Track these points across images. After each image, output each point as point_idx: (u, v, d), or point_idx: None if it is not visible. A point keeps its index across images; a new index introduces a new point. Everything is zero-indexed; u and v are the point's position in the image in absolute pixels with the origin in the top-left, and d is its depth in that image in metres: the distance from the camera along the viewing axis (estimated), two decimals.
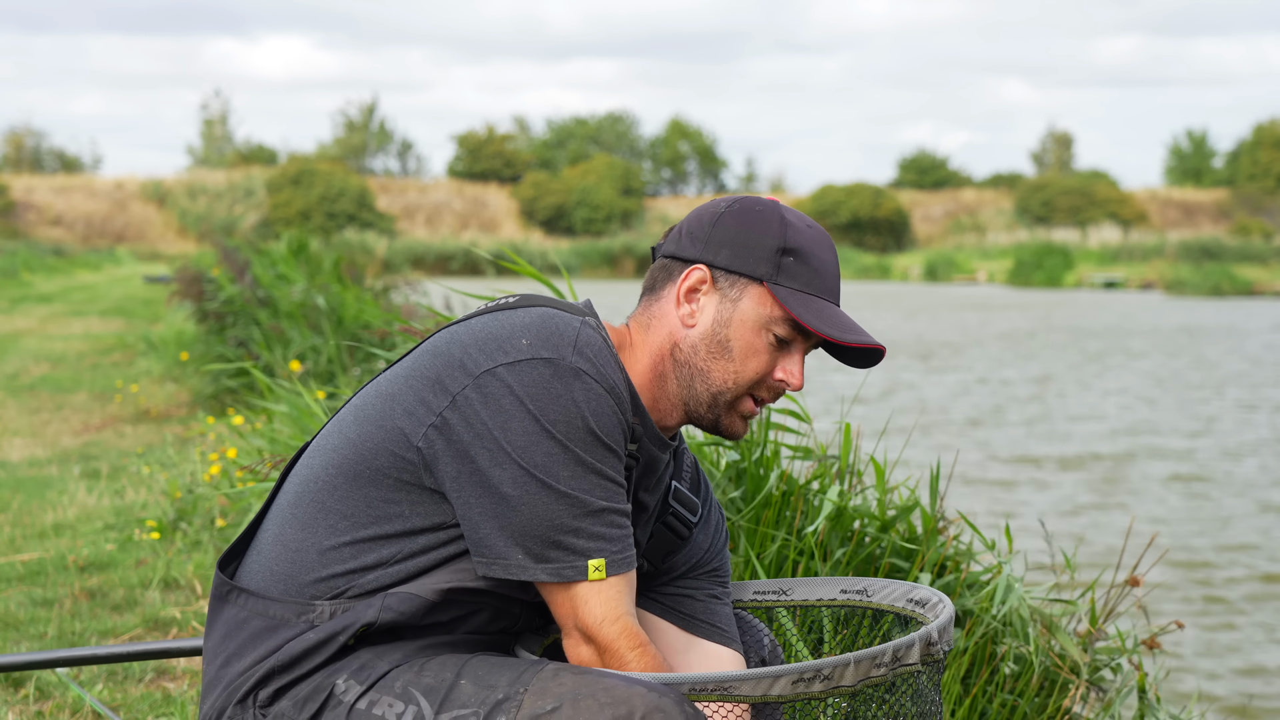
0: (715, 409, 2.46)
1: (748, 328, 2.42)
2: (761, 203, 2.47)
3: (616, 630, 2.33)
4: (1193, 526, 10.61)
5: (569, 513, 2.28)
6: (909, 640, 2.25)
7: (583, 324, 2.38)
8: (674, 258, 2.47)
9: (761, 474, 4.23)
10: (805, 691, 2.20)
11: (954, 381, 20.01)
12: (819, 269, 2.43)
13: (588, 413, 2.29)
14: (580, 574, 2.30)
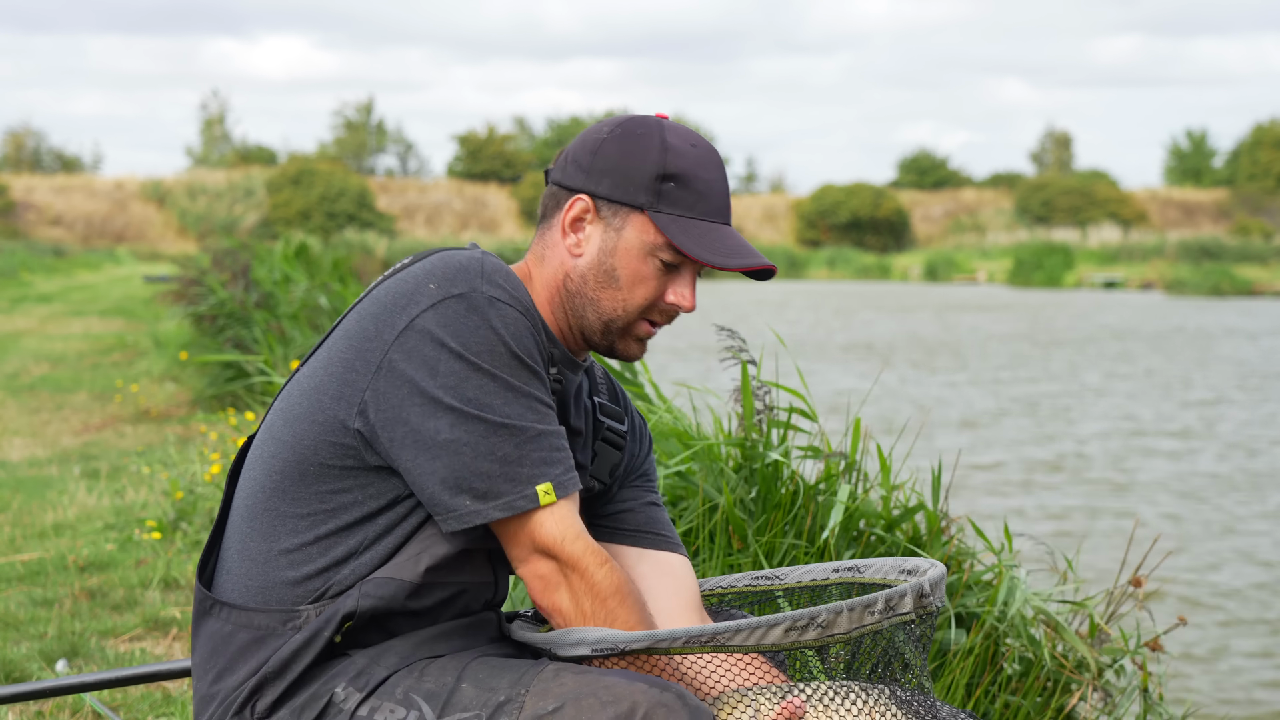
0: (609, 335, 2.46)
1: (632, 256, 2.42)
2: (644, 125, 2.44)
3: (580, 547, 2.32)
4: (1197, 529, 10.61)
5: (510, 442, 2.27)
6: (901, 590, 2.26)
7: (484, 254, 2.40)
8: (561, 186, 2.47)
9: (772, 475, 4.22)
10: (799, 640, 2.22)
11: (956, 383, 20.01)
12: (702, 191, 2.41)
13: (509, 337, 2.29)
14: (531, 502, 2.29)
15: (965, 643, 4.04)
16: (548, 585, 2.33)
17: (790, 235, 75.46)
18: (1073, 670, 4.09)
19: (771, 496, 4.18)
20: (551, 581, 2.33)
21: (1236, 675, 7.18)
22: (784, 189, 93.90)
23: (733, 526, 4.11)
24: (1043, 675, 4.08)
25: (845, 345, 25.13)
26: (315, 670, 2.37)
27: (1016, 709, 4.06)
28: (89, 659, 4.92)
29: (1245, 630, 7.96)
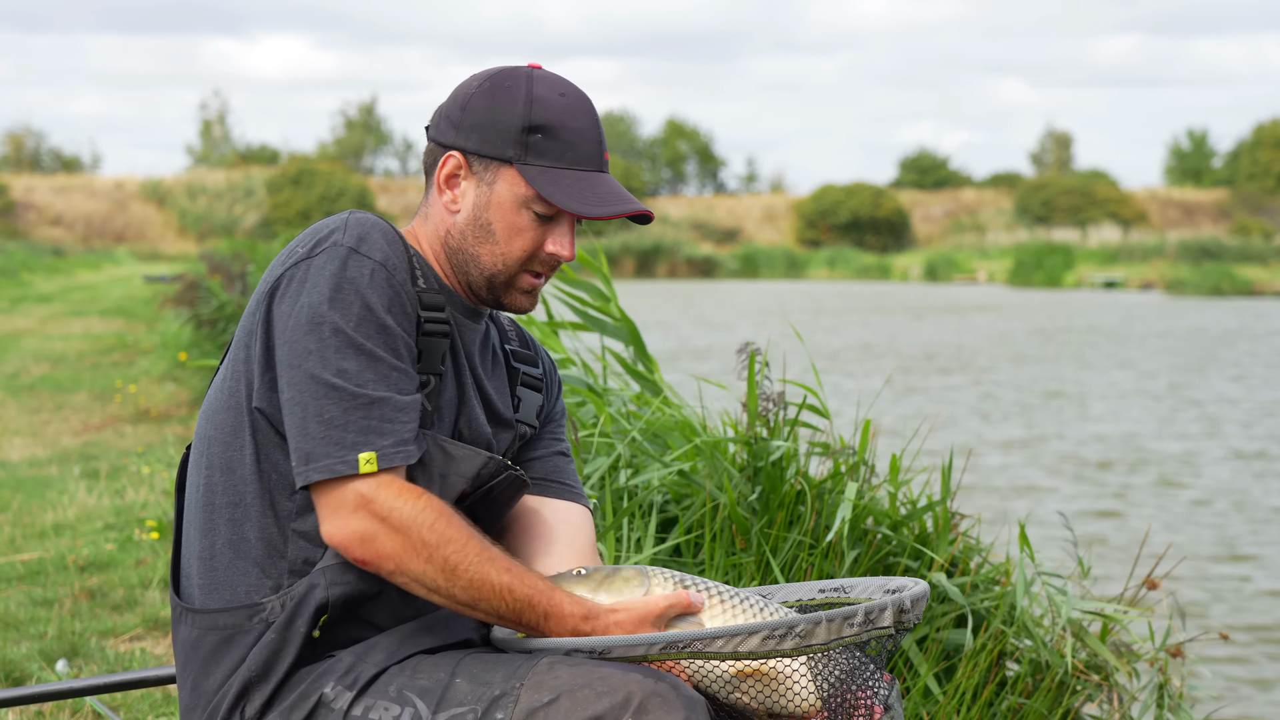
0: (494, 290, 2.45)
1: (506, 209, 2.41)
2: (512, 77, 2.43)
3: (392, 497, 2.25)
4: (1208, 533, 10.60)
5: (338, 406, 2.25)
6: (882, 604, 2.26)
7: (352, 211, 2.39)
8: (436, 143, 2.47)
9: (778, 474, 4.21)
10: (776, 649, 2.21)
11: (959, 385, 20.00)
12: (571, 140, 2.40)
13: (363, 286, 2.28)
14: (351, 467, 2.25)
15: (975, 643, 4.03)
16: (364, 538, 2.26)
17: (790, 235, 75.47)
18: (1083, 672, 4.08)
19: (776, 495, 4.17)
20: (368, 532, 2.26)
21: (1255, 683, 7.17)
22: (784, 189, 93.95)
23: (735, 525, 4.10)
24: (1052, 677, 4.07)
25: (852, 350, 25.12)
26: (301, 670, 2.35)
27: (1025, 711, 4.04)
28: (89, 659, 4.91)
29: (1259, 638, 7.94)
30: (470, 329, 2.51)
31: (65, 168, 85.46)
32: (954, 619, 4.15)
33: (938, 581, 4.01)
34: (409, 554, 2.27)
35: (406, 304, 2.33)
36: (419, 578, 2.28)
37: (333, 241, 2.32)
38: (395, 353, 2.30)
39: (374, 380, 2.26)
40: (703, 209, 78.14)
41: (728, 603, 2.34)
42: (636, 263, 64.45)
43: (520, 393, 2.62)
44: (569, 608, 2.29)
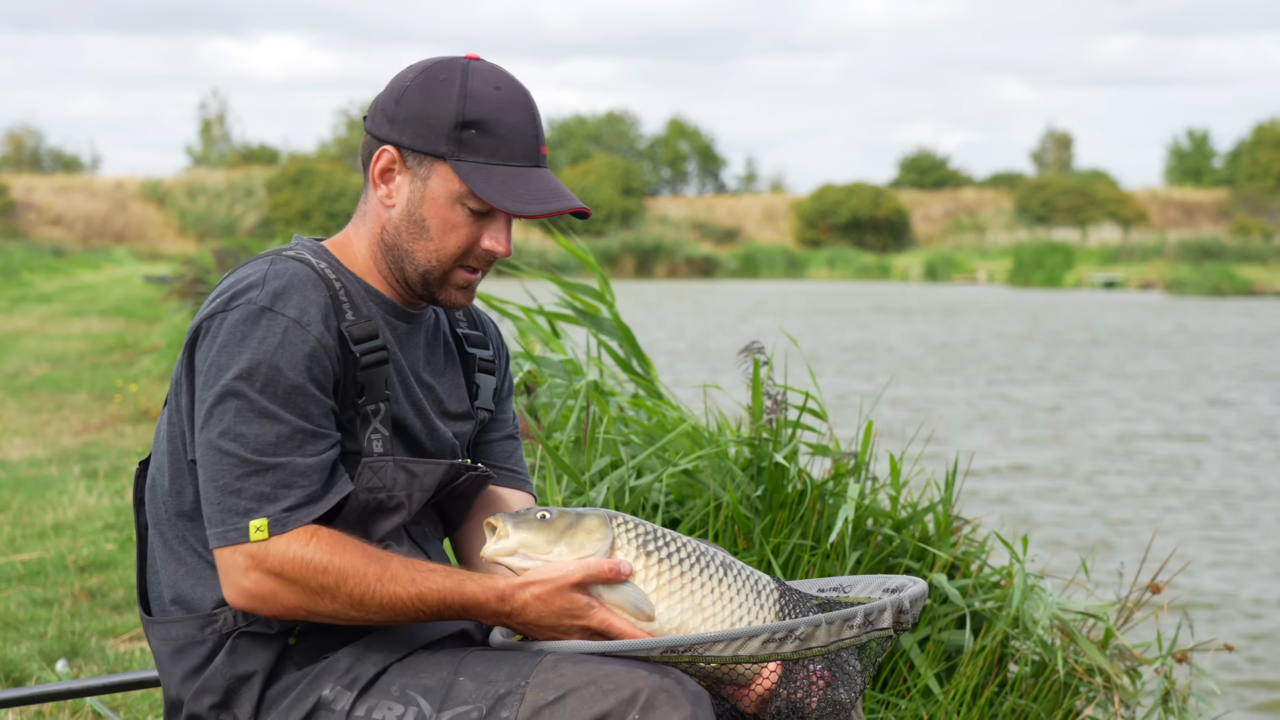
0: (429, 286, 2.43)
1: (440, 205, 2.38)
2: (447, 70, 2.39)
3: (283, 552, 2.25)
4: (1214, 538, 10.59)
5: (231, 472, 2.25)
6: (881, 605, 2.26)
7: (274, 258, 2.36)
8: (372, 136, 2.44)
9: (780, 474, 4.21)
10: (777, 652, 2.20)
11: (964, 387, 19.99)
12: (506, 135, 2.37)
13: (271, 348, 2.27)
14: (242, 535, 2.25)
15: (975, 644, 4.03)
16: (264, 598, 2.27)
17: (790, 235, 75.45)
18: (1084, 674, 4.08)
19: (778, 495, 4.17)
20: (266, 591, 2.27)
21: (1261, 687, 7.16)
22: (784, 189, 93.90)
23: (738, 526, 4.10)
24: (1053, 679, 4.06)
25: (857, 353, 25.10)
26: (293, 673, 2.35)
27: (1025, 712, 4.04)
28: (89, 659, 4.91)
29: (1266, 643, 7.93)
30: (410, 333, 2.49)
31: (65, 168, 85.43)
32: (955, 620, 4.15)
33: (938, 583, 4.01)
34: (313, 601, 2.28)
35: (324, 358, 2.30)
36: (331, 617, 2.30)
37: (247, 299, 2.30)
38: (303, 413, 2.28)
39: (273, 445, 2.25)
40: (703, 209, 78.11)
41: (666, 574, 2.29)
42: (636, 262, 64.42)
43: (478, 379, 2.61)
44: (482, 596, 2.28)
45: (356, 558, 2.27)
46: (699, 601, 2.29)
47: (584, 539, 2.29)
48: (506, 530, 2.28)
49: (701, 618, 2.28)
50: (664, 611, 2.28)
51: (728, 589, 2.31)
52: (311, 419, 2.29)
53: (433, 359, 2.54)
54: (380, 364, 2.37)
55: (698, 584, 2.29)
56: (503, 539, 2.29)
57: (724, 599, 2.30)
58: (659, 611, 2.28)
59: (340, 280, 2.38)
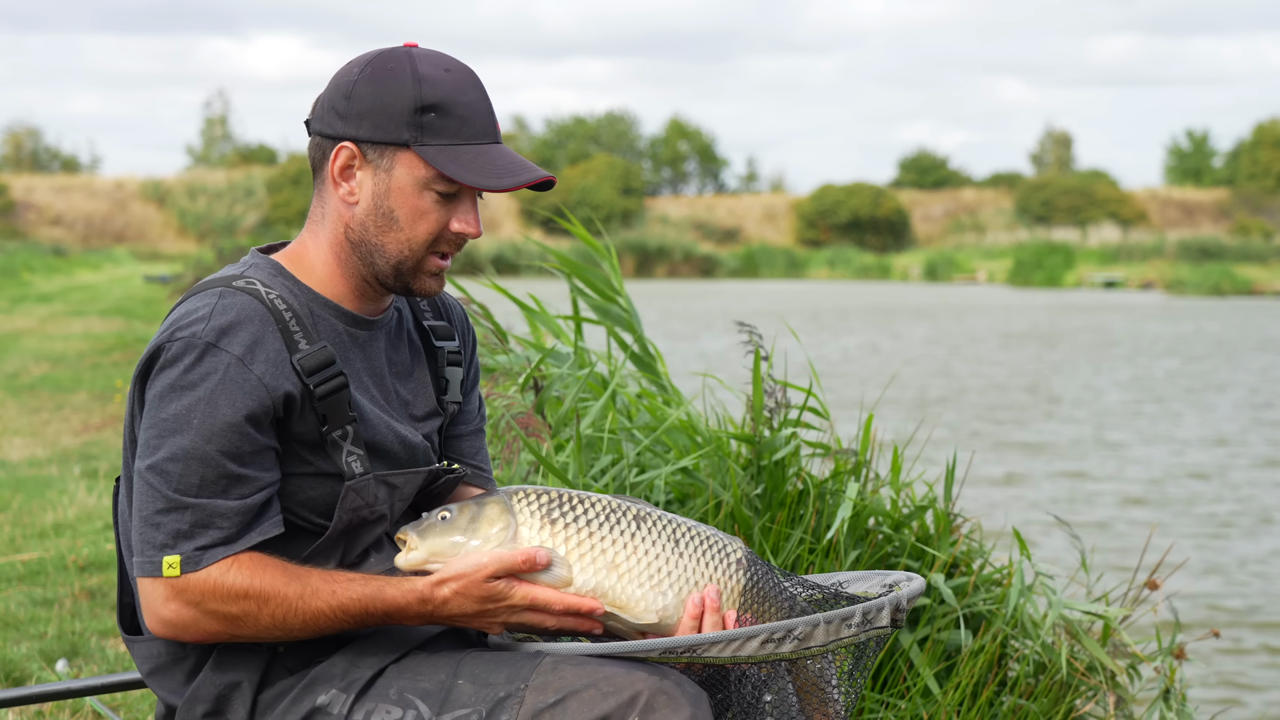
0: (402, 277, 2.41)
1: (408, 194, 2.36)
2: (394, 59, 2.37)
3: (200, 585, 2.25)
4: (1212, 533, 10.59)
5: (153, 505, 2.25)
6: (879, 603, 2.26)
7: (223, 290, 2.34)
8: (323, 135, 2.41)
9: (780, 472, 4.21)
10: (775, 652, 2.20)
11: (966, 386, 19.99)
12: (465, 114, 2.36)
13: (211, 387, 2.25)
14: (156, 569, 2.25)
15: (974, 644, 4.03)
16: (184, 627, 2.28)
17: (790, 235, 75.45)
18: (1084, 673, 4.07)
19: (778, 493, 4.17)
20: (186, 621, 2.27)
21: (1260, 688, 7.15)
22: (784, 189, 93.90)
23: (738, 524, 4.10)
24: (1054, 678, 4.06)
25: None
26: (286, 679, 2.35)
27: (1025, 712, 4.03)
28: (89, 659, 4.91)
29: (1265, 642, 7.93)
30: (371, 340, 2.47)
31: (65, 168, 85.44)
32: (954, 619, 4.14)
33: (936, 583, 4.01)
34: (234, 626, 2.28)
35: (265, 397, 2.28)
36: (256, 638, 2.30)
37: (191, 334, 2.28)
38: (234, 455, 2.26)
39: (196, 486, 2.25)
40: (703, 209, 78.11)
41: (575, 538, 2.28)
42: (637, 262, 64.41)
43: (446, 373, 2.60)
44: (403, 600, 2.27)
45: (276, 579, 2.27)
46: (611, 560, 2.28)
47: (488, 530, 2.28)
48: (415, 542, 2.28)
49: (616, 575, 2.27)
50: (579, 575, 2.27)
51: (641, 542, 2.29)
52: (243, 461, 2.27)
53: (398, 361, 2.52)
54: (339, 390, 2.34)
55: (608, 542, 2.29)
56: (412, 551, 2.28)
57: (638, 553, 2.29)
58: (575, 574, 2.27)
59: (291, 308, 2.35)
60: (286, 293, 2.37)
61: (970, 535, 4.35)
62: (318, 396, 2.32)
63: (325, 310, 2.41)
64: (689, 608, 2.29)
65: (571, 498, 2.32)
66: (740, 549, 2.35)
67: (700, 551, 2.33)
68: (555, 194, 73.66)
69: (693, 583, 2.31)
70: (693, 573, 2.31)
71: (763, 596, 2.34)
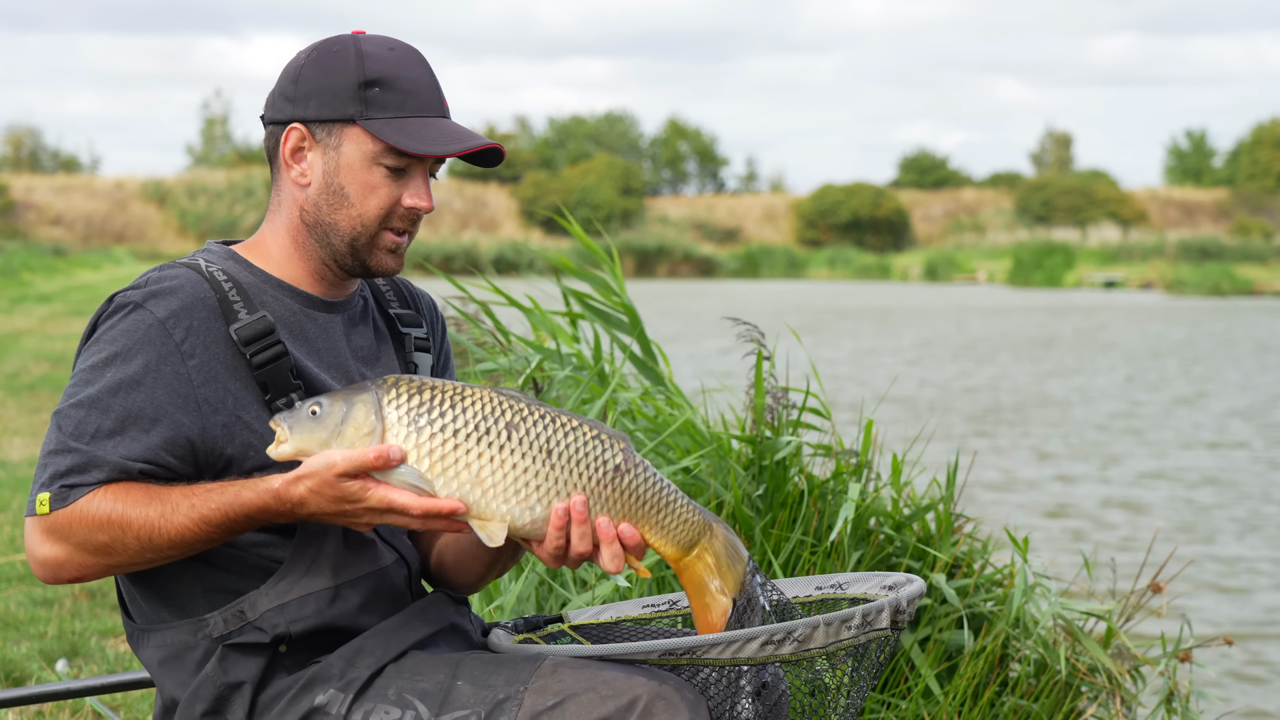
0: (358, 255, 2.43)
1: (357, 169, 2.39)
2: (339, 42, 2.43)
3: (67, 554, 2.26)
4: (1217, 534, 10.59)
5: (47, 446, 2.28)
6: (879, 605, 2.25)
7: (165, 265, 2.38)
8: (274, 122, 2.45)
9: (781, 472, 4.20)
10: (775, 654, 2.20)
11: (971, 386, 19.99)
12: (409, 89, 2.40)
13: (127, 344, 2.28)
14: (32, 509, 2.27)
15: (975, 644, 4.02)
16: (58, 565, 2.28)
17: (790, 235, 75.46)
18: (1087, 674, 4.07)
19: (779, 494, 4.17)
20: (56, 558, 2.28)
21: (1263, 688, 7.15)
22: (784, 189, 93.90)
23: (739, 524, 4.09)
24: (1056, 679, 4.05)
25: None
26: (284, 679, 2.34)
27: (1026, 713, 4.03)
28: (89, 659, 4.91)
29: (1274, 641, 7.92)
30: (331, 322, 2.48)
31: (65, 168, 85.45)
32: (955, 620, 4.14)
33: (938, 583, 4.01)
34: (106, 556, 2.28)
35: (179, 364, 2.29)
36: (132, 564, 2.29)
37: (125, 294, 2.32)
38: (133, 414, 2.27)
39: (91, 434, 2.26)
40: (703, 209, 78.11)
41: (439, 449, 2.22)
42: (637, 262, 64.41)
43: (415, 359, 2.60)
44: (259, 500, 2.24)
45: (138, 501, 2.26)
46: (476, 474, 2.22)
47: (353, 434, 2.22)
48: (284, 435, 2.23)
49: (480, 491, 2.22)
50: (442, 488, 2.22)
51: (510, 455, 2.23)
52: (143, 421, 2.27)
53: (361, 345, 2.53)
54: (277, 359, 2.35)
55: (474, 455, 2.22)
56: (282, 443, 2.23)
57: (504, 467, 2.23)
58: (438, 488, 2.22)
59: (234, 280, 2.37)
60: (229, 272, 2.39)
61: (972, 535, 4.34)
62: (255, 365, 2.33)
63: (279, 291, 2.44)
64: (554, 519, 2.24)
65: (444, 399, 2.24)
66: (620, 453, 2.28)
67: (574, 460, 2.26)
68: (555, 194, 73.72)
69: (564, 493, 2.25)
70: (564, 483, 2.25)
71: (640, 501, 2.29)
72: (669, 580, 4.15)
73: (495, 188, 77.66)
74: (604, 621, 2.65)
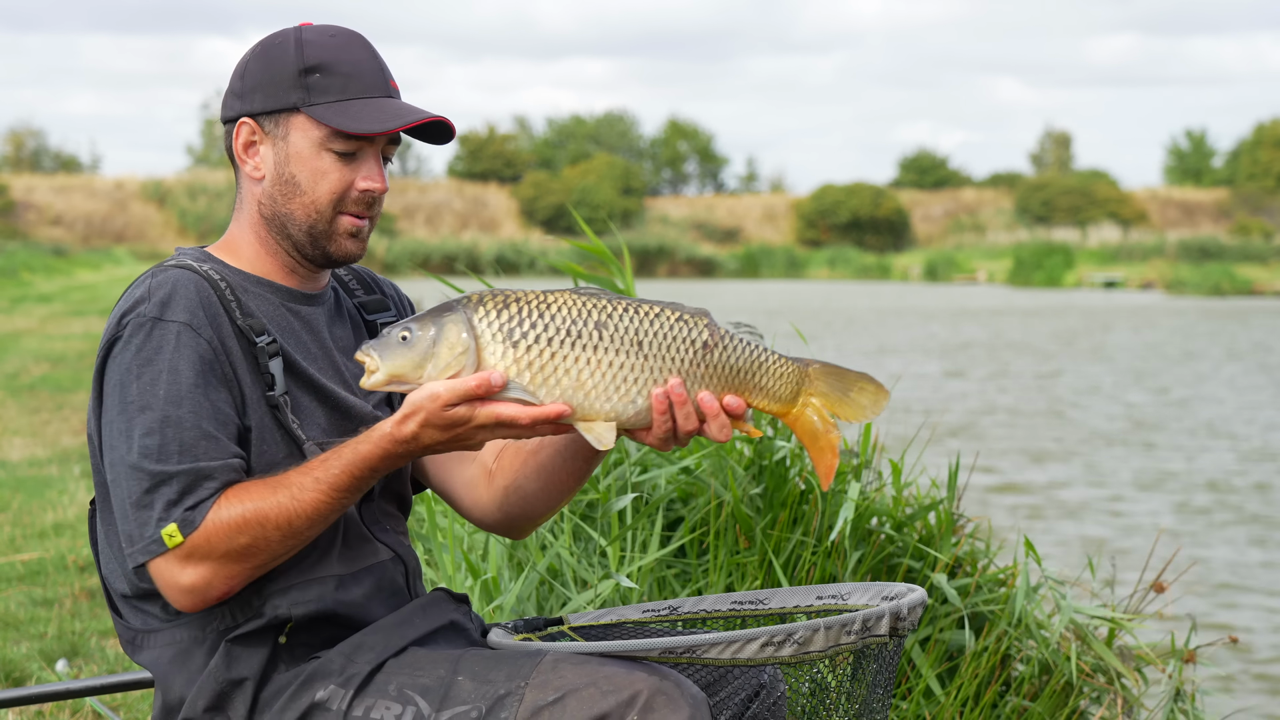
0: (318, 243, 2.44)
1: (306, 157, 2.40)
2: (281, 34, 2.45)
3: (213, 571, 2.26)
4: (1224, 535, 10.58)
5: (139, 485, 2.25)
6: (879, 611, 2.27)
7: (155, 271, 2.37)
8: (228, 121, 2.46)
9: (782, 472, 4.20)
10: (775, 656, 2.21)
11: (979, 389, 19.99)
12: (351, 71, 2.40)
13: (168, 355, 2.28)
14: (161, 546, 2.25)
15: (978, 644, 4.02)
16: (206, 586, 2.28)
17: (790, 235, 75.46)
18: (1091, 675, 4.06)
19: (779, 493, 4.16)
20: (201, 580, 2.27)
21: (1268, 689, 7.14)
22: (784, 189, 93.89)
23: (739, 524, 4.09)
24: (1060, 680, 4.04)
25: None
26: (284, 674, 2.34)
27: (1030, 713, 4.02)
28: (89, 659, 4.91)
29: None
30: (313, 315, 2.49)
31: (65, 168, 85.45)
32: (956, 620, 4.14)
33: (939, 584, 4.00)
34: (251, 558, 2.28)
35: (220, 357, 2.31)
36: (274, 559, 2.30)
37: (138, 314, 2.31)
38: (208, 415, 2.28)
39: (177, 453, 2.26)
40: (703, 209, 78.12)
41: (538, 361, 2.23)
42: (637, 263, 64.36)
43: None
44: (379, 450, 2.25)
45: (263, 494, 2.27)
46: (576, 378, 2.24)
47: (447, 354, 2.23)
48: (376, 363, 2.24)
49: (583, 394, 2.24)
50: (545, 396, 2.24)
51: (605, 354, 2.25)
52: (217, 420, 2.29)
53: (341, 336, 2.54)
54: (275, 355, 2.37)
55: (570, 359, 2.24)
56: (373, 373, 2.24)
57: (602, 366, 2.25)
58: (540, 396, 2.24)
59: (225, 279, 2.38)
60: (216, 271, 2.40)
61: (973, 535, 4.34)
62: (269, 355, 2.36)
63: (259, 287, 2.45)
64: (655, 405, 2.27)
65: (532, 309, 2.26)
66: (705, 329, 2.31)
67: (665, 346, 2.29)
68: (555, 194, 73.73)
69: (661, 380, 2.28)
70: (659, 370, 2.28)
71: (733, 370, 2.31)
72: (670, 582, 4.15)
73: (495, 188, 77.67)
74: (605, 624, 2.65)
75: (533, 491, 2.55)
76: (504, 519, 2.61)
